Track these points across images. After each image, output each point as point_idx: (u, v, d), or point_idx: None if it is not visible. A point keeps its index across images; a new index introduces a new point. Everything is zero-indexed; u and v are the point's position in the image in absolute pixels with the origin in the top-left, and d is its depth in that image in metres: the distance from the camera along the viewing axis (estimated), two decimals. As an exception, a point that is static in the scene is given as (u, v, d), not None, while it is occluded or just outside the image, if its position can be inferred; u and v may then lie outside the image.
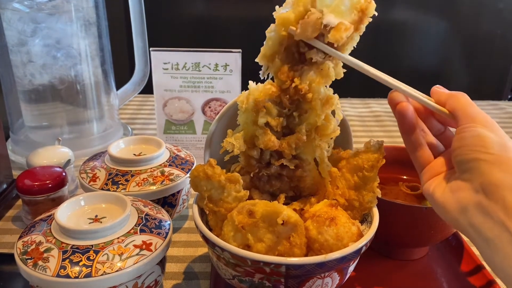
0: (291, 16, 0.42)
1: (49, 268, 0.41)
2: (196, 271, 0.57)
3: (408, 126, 0.43)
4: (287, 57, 0.44)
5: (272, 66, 0.45)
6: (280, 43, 0.44)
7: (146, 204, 0.52)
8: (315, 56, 0.43)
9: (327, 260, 0.40)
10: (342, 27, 0.41)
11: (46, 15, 0.76)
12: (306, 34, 0.42)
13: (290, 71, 0.44)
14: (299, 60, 0.44)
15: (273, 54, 0.44)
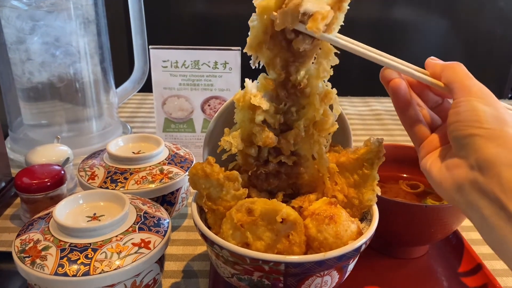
0: (270, 4, 0.41)
1: (47, 266, 0.41)
2: (195, 270, 0.57)
3: (402, 103, 0.42)
4: (274, 45, 0.43)
5: (262, 56, 0.44)
6: (265, 31, 0.42)
7: (145, 202, 0.52)
8: (303, 45, 0.41)
9: (326, 258, 0.40)
10: (318, 17, 0.39)
11: (45, 13, 0.76)
12: (286, 24, 0.40)
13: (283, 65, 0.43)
14: (287, 49, 0.43)
15: (259, 43, 0.43)
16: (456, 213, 0.52)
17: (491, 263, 0.59)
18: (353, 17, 0.42)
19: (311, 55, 0.43)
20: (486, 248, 0.62)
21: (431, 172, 0.39)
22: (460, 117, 0.36)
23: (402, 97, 0.42)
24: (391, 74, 0.42)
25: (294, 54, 0.43)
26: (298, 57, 0.43)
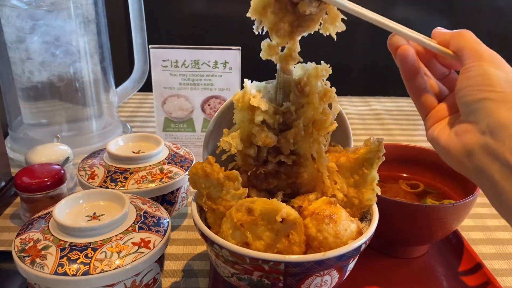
0: None
1: (47, 265, 0.41)
2: (195, 269, 0.57)
3: (410, 71, 0.41)
4: (279, 9, 0.41)
5: (266, 20, 0.42)
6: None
7: (145, 202, 0.52)
8: (309, 8, 0.40)
9: (326, 258, 0.40)
10: None
11: (45, 12, 0.76)
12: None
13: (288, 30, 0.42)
14: (292, 12, 0.41)
15: (264, 7, 0.42)
16: (456, 213, 0.53)
17: (490, 263, 0.59)
18: (353, 17, 0.42)
19: (317, 19, 0.42)
20: (486, 247, 0.62)
21: (438, 139, 0.39)
22: (471, 82, 0.35)
23: (410, 64, 0.41)
24: (399, 40, 0.41)
25: (299, 17, 0.42)
26: (303, 21, 0.42)
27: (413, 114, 1.12)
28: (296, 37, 0.43)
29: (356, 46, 1.36)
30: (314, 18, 0.42)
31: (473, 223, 0.67)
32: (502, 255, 0.60)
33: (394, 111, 1.14)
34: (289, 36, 0.43)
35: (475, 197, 0.53)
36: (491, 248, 0.62)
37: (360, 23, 0.42)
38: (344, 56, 1.35)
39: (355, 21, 0.44)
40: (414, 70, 0.41)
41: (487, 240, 0.64)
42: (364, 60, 1.38)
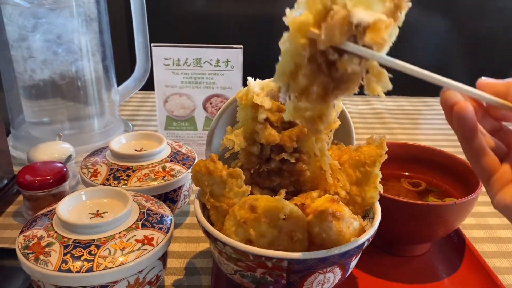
0: (309, 18, 0.33)
1: (51, 262, 0.41)
2: (197, 267, 0.57)
3: (470, 131, 0.36)
4: (312, 71, 0.34)
5: (295, 85, 0.35)
6: (301, 54, 0.34)
7: (148, 199, 0.52)
8: (351, 66, 0.33)
9: (329, 255, 0.40)
10: (381, 26, 0.32)
11: (47, 10, 0.76)
12: (334, 39, 0.32)
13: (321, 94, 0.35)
14: (327, 73, 0.34)
15: (295, 69, 0.35)
16: (458, 211, 0.53)
17: (492, 261, 0.59)
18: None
19: (357, 79, 0.35)
20: (488, 246, 0.62)
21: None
22: None
23: (469, 123, 0.35)
24: (455, 96, 0.36)
25: (335, 79, 0.35)
26: (340, 83, 0.35)
27: (414, 113, 1.12)
28: (330, 101, 0.36)
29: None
30: (353, 79, 0.35)
31: (475, 221, 0.67)
32: (504, 253, 0.61)
33: (395, 110, 1.14)
34: (322, 100, 0.36)
35: (476, 196, 0.53)
36: (493, 246, 0.62)
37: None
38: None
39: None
40: (473, 129, 0.36)
41: (489, 239, 0.64)
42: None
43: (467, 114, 0.35)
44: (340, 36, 0.32)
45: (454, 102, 0.36)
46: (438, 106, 1.17)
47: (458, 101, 0.35)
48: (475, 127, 0.36)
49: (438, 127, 1.05)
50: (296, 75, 0.35)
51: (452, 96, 0.36)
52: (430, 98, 1.21)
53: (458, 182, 0.60)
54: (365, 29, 0.32)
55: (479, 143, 0.36)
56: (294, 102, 0.36)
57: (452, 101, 0.36)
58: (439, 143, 0.95)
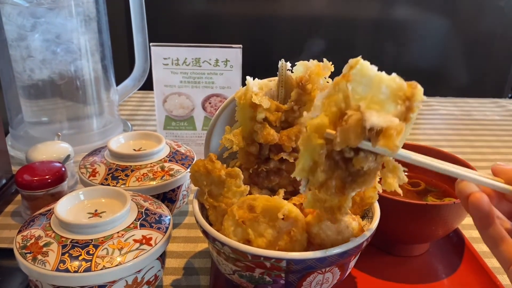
0: (324, 121, 0.35)
1: (49, 262, 0.41)
2: (196, 267, 0.57)
3: (486, 220, 0.37)
4: (330, 168, 0.37)
5: (314, 180, 0.38)
6: (318, 153, 0.36)
7: (146, 199, 0.52)
8: (366, 163, 0.35)
9: (327, 255, 0.40)
10: (393, 133, 0.33)
11: (46, 10, 0.76)
12: (349, 142, 0.34)
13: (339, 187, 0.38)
14: (345, 168, 0.37)
15: (313, 165, 0.37)
16: (457, 211, 0.52)
17: (491, 261, 0.59)
18: (353, 17, 0.42)
19: (374, 174, 0.38)
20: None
21: None
22: None
23: (485, 213, 0.36)
24: (469, 187, 0.37)
25: (352, 174, 0.37)
26: (357, 177, 0.37)
27: (413, 113, 1.12)
28: (349, 193, 0.38)
29: (357, 45, 1.36)
30: (370, 173, 0.37)
31: (474, 221, 0.67)
32: (503, 254, 0.60)
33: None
34: (340, 192, 0.38)
35: (476, 195, 0.53)
36: (492, 246, 0.62)
37: (362, 21, 0.42)
38: (345, 54, 1.35)
39: (355, 20, 0.44)
40: (490, 218, 0.37)
41: (488, 239, 0.63)
42: (365, 58, 1.38)
43: (482, 204, 0.36)
44: (355, 139, 0.34)
45: (469, 193, 0.37)
46: (438, 106, 1.17)
47: (473, 192, 0.37)
48: (491, 216, 0.36)
49: (438, 127, 1.05)
50: (315, 171, 0.37)
51: (466, 187, 0.37)
52: (430, 98, 1.21)
53: (457, 182, 0.60)
54: (378, 133, 0.34)
55: (497, 230, 0.37)
56: (314, 194, 0.39)
57: (467, 192, 0.37)
58: (438, 143, 0.94)
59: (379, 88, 0.34)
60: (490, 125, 1.06)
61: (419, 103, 0.35)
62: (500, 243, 0.37)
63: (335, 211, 0.39)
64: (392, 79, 0.35)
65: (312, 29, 1.32)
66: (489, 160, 0.89)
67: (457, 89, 1.42)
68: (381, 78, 0.34)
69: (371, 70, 0.35)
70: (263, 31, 1.33)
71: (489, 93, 1.39)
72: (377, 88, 0.34)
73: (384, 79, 0.35)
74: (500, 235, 0.37)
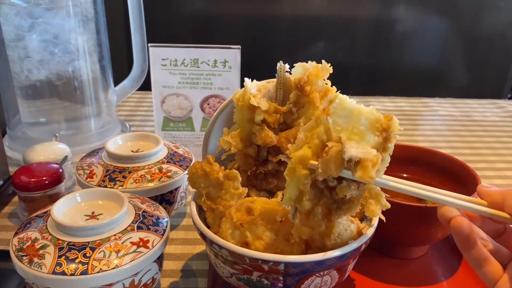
0: (307, 153, 0.38)
1: (45, 265, 0.41)
2: (193, 269, 0.56)
3: (467, 243, 0.37)
4: (315, 196, 0.40)
5: (301, 208, 0.40)
6: (303, 183, 0.39)
7: (144, 201, 0.52)
8: (349, 192, 0.38)
9: (326, 258, 0.39)
10: (368, 164, 0.35)
11: (44, 10, 0.75)
12: (330, 172, 0.37)
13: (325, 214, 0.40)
14: (330, 196, 0.39)
15: (299, 195, 0.40)
16: (456, 213, 0.52)
17: (490, 264, 0.58)
18: (352, 17, 0.41)
19: (357, 200, 0.40)
20: (486, 248, 0.62)
21: None
22: None
23: (466, 236, 0.37)
24: (450, 211, 0.38)
25: (337, 201, 0.40)
26: (342, 204, 0.40)
27: (412, 114, 1.12)
28: (335, 219, 0.40)
29: (357, 46, 1.36)
30: (353, 200, 0.40)
31: (473, 223, 0.67)
32: (502, 256, 0.60)
33: (394, 111, 1.13)
34: (327, 219, 0.40)
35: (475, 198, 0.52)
36: (491, 248, 0.62)
37: (361, 23, 0.42)
38: (344, 55, 1.35)
39: (356, 20, 0.43)
40: (472, 240, 0.37)
41: (487, 241, 0.63)
42: (364, 60, 1.38)
43: (463, 228, 0.37)
44: (336, 169, 0.37)
45: (450, 217, 0.38)
46: (437, 107, 1.17)
47: (454, 216, 0.38)
48: (472, 238, 0.37)
49: (437, 129, 1.04)
50: (301, 199, 0.39)
51: (448, 211, 0.38)
52: (429, 99, 1.21)
53: (456, 184, 0.60)
54: (357, 163, 0.36)
55: (479, 252, 0.37)
56: (302, 220, 0.41)
57: (448, 217, 0.38)
58: (438, 145, 0.94)
59: (359, 120, 0.37)
60: (489, 126, 1.05)
61: (396, 134, 0.37)
62: (483, 264, 0.38)
63: (324, 238, 0.41)
64: (370, 112, 0.37)
65: (311, 30, 1.32)
66: (488, 161, 0.88)
67: (456, 90, 1.42)
68: (360, 111, 0.37)
69: (350, 103, 0.37)
70: (262, 32, 1.33)
71: (489, 94, 1.39)
72: (357, 120, 0.37)
73: (363, 111, 0.37)
74: (483, 256, 0.38)
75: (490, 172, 0.84)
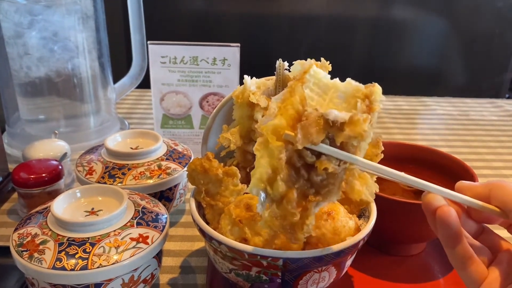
0: (282, 122, 0.33)
1: (45, 260, 0.41)
2: (192, 265, 0.57)
3: (454, 237, 0.34)
4: (291, 177, 0.33)
5: (273, 192, 0.34)
6: (278, 157, 0.33)
7: (143, 198, 0.52)
8: (330, 165, 0.32)
9: (324, 254, 0.40)
10: (359, 118, 0.31)
11: (43, 7, 0.75)
12: (311, 138, 0.32)
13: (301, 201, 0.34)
14: (307, 179, 0.34)
15: (272, 174, 0.33)
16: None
17: (487, 261, 0.59)
18: (351, 16, 0.42)
19: (339, 184, 0.34)
20: (483, 246, 0.62)
21: None
22: None
23: (453, 229, 0.33)
24: (437, 200, 0.34)
25: (315, 184, 0.34)
26: (320, 188, 0.34)
27: (411, 113, 1.12)
28: (311, 207, 0.34)
29: (355, 44, 1.36)
30: (334, 183, 0.34)
31: (470, 221, 0.67)
32: (499, 253, 0.61)
33: (392, 110, 1.14)
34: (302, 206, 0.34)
35: (472, 195, 0.53)
36: (488, 246, 0.62)
37: (360, 22, 0.42)
38: (343, 54, 1.36)
39: (355, 18, 0.44)
40: (458, 235, 0.34)
41: (484, 238, 0.64)
42: (362, 59, 1.38)
43: (450, 219, 0.33)
44: (317, 135, 0.32)
45: (436, 206, 0.34)
46: (435, 106, 1.17)
47: (441, 205, 0.34)
48: (459, 233, 0.34)
49: (435, 127, 1.05)
50: (274, 180, 0.33)
51: (434, 199, 0.34)
52: (428, 98, 1.21)
53: (454, 182, 0.60)
54: (343, 125, 0.31)
55: (465, 249, 0.34)
56: (272, 211, 0.34)
57: (434, 206, 0.34)
58: (436, 143, 0.95)
59: (336, 94, 0.33)
60: (487, 125, 1.06)
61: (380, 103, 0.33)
62: (468, 264, 0.34)
63: (296, 230, 0.35)
64: (348, 83, 0.34)
65: (310, 28, 1.32)
66: (485, 160, 0.89)
67: (454, 89, 1.42)
68: (336, 85, 0.34)
69: (325, 77, 0.34)
70: (261, 30, 1.33)
71: (487, 93, 1.39)
72: (333, 94, 0.33)
73: (340, 85, 0.34)
74: (468, 255, 0.34)
75: (488, 171, 0.85)
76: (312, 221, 0.35)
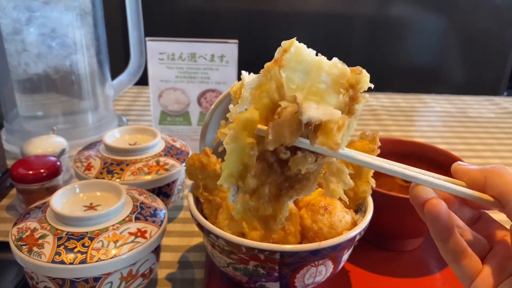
0: (254, 115, 0.29)
1: (44, 254, 0.41)
2: (190, 260, 0.57)
3: (445, 231, 0.31)
4: (263, 172, 0.31)
5: (244, 187, 0.31)
6: (248, 154, 0.30)
7: (141, 193, 0.52)
8: (305, 165, 0.30)
9: (321, 248, 0.40)
10: (333, 127, 0.28)
11: (42, 4, 0.75)
12: (283, 139, 0.29)
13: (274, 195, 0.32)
14: (280, 172, 0.31)
15: (243, 170, 0.31)
16: (450, 206, 0.53)
17: (483, 256, 0.59)
18: (350, 14, 0.42)
19: (314, 178, 0.32)
20: (479, 241, 0.63)
21: None
22: None
23: (443, 223, 0.31)
24: (426, 192, 0.32)
25: (289, 178, 0.32)
26: (295, 182, 0.32)
27: (408, 110, 1.13)
28: (284, 201, 0.32)
29: (353, 41, 1.36)
30: (310, 177, 0.32)
31: (466, 217, 0.68)
32: (495, 249, 0.61)
33: (390, 107, 1.14)
34: (275, 200, 0.32)
35: (468, 191, 0.53)
36: (484, 241, 0.63)
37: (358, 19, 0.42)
38: (341, 51, 1.36)
39: (353, 16, 0.44)
40: (449, 228, 0.31)
41: (480, 234, 0.64)
42: (361, 56, 1.39)
43: (440, 213, 0.31)
44: (290, 136, 0.29)
45: (425, 199, 0.32)
46: (433, 103, 1.18)
47: (430, 198, 0.32)
48: (450, 226, 0.31)
49: (432, 124, 1.05)
50: (245, 176, 0.31)
51: (422, 192, 0.32)
52: (425, 96, 1.22)
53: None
54: (317, 128, 0.28)
55: (457, 242, 0.32)
56: (245, 202, 0.32)
57: (423, 198, 0.32)
58: (433, 140, 0.95)
59: (319, 76, 0.30)
60: (484, 123, 1.06)
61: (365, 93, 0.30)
62: (461, 258, 0.32)
63: (269, 221, 0.33)
64: (334, 65, 0.30)
65: (308, 25, 1.32)
66: (482, 157, 0.89)
67: (452, 87, 1.43)
68: (321, 64, 0.30)
69: (309, 55, 0.30)
70: (259, 27, 1.33)
71: (485, 91, 1.40)
72: (316, 76, 0.30)
73: (324, 65, 0.30)
74: (461, 249, 0.32)
75: (484, 167, 0.85)
76: (285, 213, 0.33)
